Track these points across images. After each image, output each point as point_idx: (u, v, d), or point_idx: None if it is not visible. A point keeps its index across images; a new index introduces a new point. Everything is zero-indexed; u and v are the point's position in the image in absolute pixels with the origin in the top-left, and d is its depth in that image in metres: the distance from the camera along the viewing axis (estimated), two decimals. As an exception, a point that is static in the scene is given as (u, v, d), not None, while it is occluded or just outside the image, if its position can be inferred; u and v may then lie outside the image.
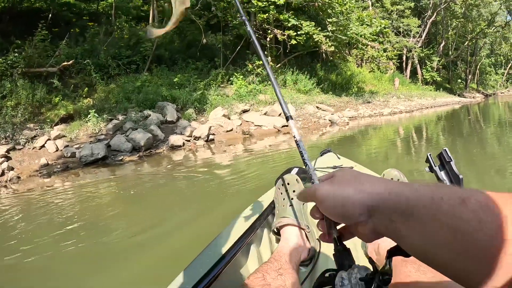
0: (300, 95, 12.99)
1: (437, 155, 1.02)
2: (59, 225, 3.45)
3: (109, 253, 2.78)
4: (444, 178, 0.97)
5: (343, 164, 2.14)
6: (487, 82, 44.03)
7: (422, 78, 27.08)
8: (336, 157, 2.37)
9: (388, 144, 7.65)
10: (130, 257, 2.67)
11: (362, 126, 10.93)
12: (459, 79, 35.85)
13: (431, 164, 1.02)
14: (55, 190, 5.10)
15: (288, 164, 4.56)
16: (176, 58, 12.55)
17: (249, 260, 1.14)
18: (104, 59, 10.77)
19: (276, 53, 14.11)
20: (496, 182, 4.11)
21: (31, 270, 2.60)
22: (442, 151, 0.99)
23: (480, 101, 26.36)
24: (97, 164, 6.65)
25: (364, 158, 5.79)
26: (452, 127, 10.70)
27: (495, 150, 6.35)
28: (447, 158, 0.97)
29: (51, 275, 2.56)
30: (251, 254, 1.16)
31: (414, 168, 4.81)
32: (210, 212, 3.49)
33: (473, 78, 38.01)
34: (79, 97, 9.39)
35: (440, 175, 0.98)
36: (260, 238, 1.27)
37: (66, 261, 2.69)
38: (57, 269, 2.64)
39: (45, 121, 7.99)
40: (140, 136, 7.43)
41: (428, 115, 14.98)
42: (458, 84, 34.42)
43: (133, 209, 3.99)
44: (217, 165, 5.91)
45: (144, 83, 10.36)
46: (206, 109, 10.03)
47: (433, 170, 1.00)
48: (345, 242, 0.60)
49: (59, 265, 2.67)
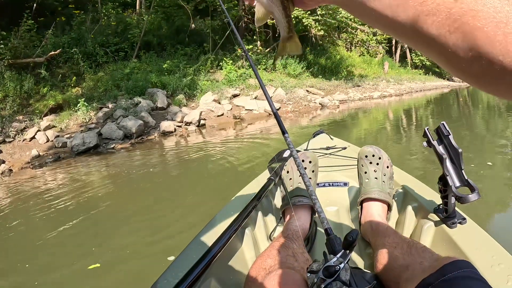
0: (290, 79, 12.99)
1: (434, 129, 1.03)
2: (54, 215, 3.48)
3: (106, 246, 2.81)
4: (443, 152, 0.99)
5: (337, 145, 2.15)
6: (476, 65, 44.33)
7: (411, 62, 27.15)
8: (329, 138, 2.39)
9: (378, 126, 7.74)
10: (122, 242, 2.71)
11: (352, 109, 11.00)
12: (449, 62, 36.03)
13: (429, 138, 1.02)
14: (47, 180, 5.10)
15: (281, 147, 4.62)
16: (165, 44, 12.43)
17: (244, 243, 1.13)
18: (92, 47, 10.63)
19: (265, 37, 14.05)
20: (484, 159, 4.22)
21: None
22: (440, 125, 1.01)
23: (469, 85, 26.51)
24: (89, 153, 6.64)
25: (355, 139, 5.86)
26: (440, 110, 10.84)
27: (482, 130, 6.48)
28: (445, 132, 0.99)
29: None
30: (246, 237, 1.15)
31: (406, 148, 4.90)
32: (203, 196, 3.53)
33: (462, 61, 38.24)
34: (68, 87, 9.29)
35: (438, 149, 0.99)
36: (254, 221, 1.26)
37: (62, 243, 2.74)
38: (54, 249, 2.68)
39: (34, 112, 7.92)
40: (131, 123, 7.42)
41: (418, 98, 15.11)
42: (447, 67, 34.59)
43: (127, 195, 4.02)
44: (209, 149, 5.94)
45: (133, 70, 10.27)
46: (196, 95, 10.01)
47: (431, 145, 1.01)
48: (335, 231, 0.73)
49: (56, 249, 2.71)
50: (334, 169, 1.76)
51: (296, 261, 0.86)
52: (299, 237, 1.05)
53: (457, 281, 0.68)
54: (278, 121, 1.16)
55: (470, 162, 3.79)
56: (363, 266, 1.08)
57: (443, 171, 0.98)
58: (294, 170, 1.27)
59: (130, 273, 2.23)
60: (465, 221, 1.02)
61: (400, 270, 0.82)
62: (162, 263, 2.01)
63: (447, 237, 1.00)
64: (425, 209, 1.16)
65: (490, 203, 2.76)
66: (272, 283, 0.74)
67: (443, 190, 1.00)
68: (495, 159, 4.08)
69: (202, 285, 0.83)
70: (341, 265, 0.66)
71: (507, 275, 0.79)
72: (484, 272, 0.79)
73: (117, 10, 12.91)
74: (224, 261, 0.98)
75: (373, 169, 1.21)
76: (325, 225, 0.82)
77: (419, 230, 1.09)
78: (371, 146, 1.26)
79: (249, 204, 1.17)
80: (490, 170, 3.66)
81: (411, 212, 1.21)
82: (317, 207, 0.88)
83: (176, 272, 0.86)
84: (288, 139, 1.07)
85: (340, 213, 1.40)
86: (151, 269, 2.07)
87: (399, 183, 1.40)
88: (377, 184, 1.18)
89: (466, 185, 0.97)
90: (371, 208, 1.17)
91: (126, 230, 2.86)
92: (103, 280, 2.18)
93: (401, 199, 1.34)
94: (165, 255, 2.21)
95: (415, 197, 1.25)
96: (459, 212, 1.05)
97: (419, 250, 0.85)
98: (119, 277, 2.21)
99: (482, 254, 0.88)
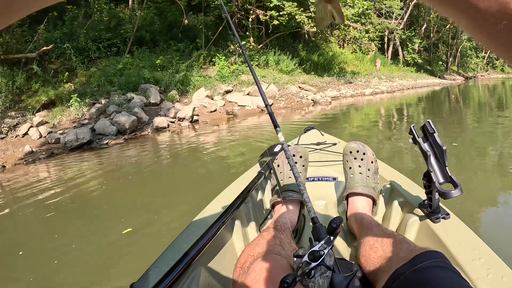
0: (282, 75, 13.07)
1: (420, 127, 1.05)
2: (46, 209, 3.53)
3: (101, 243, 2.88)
4: (428, 149, 1.01)
5: (327, 141, 2.19)
6: (467, 65, 44.28)
7: (403, 59, 27.28)
8: (319, 133, 2.43)
9: (370, 122, 7.85)
10: (113, 234, 2.78)
11: (344, 106, 11.10)
12: (440, 61, 36.11)
13: (415, 135, 1.05)
14: (41, 176, 5.12)
15: (273, 142, 4.67)
16: (158, 40, 12.41)
17: (234, 234, 1.14)
18: (84, 42, 10.57)
19: (258, 33, 14.08)
20: (474, 157, 4.34)
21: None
22: (425, 123, 1.03)
23: (460, 83, 26.78)
24: (82, 148, 6.65)
25: (347, 136, 5.95)
26: (432, 106, 10.99)
27: (473, 128, 6.62)
28: (431, 130, 1.01)
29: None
30: (235, 228, 1.16)
31: (395, 145, 5.00)
32: (196, 189, 3.59)
33: (454, 61, 38.32)
34: (60, 82, 9.25)
35: (423, 146, 1.02)
36: (244, 213, 1.27)
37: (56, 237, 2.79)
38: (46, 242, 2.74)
39: (27, 108, 7.89)
40: (125, 119, 7.44)
41: (409, 95, 15.24)
42: (439, 66, 34.71)
43: (120, 191, 4.06)
44: (202, 145, 5.99)
45: (125, 66, 10.26)
46: (189, 91, 10.05)
47: (416, 142, 1.03)
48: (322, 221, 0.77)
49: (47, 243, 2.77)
50: (323, 164, 1.81)
51: (283, 249, 0.88)
52: (287, 229, 1.07)
53: (427, 271, 0.70)
54: (271, 115, 1.20)
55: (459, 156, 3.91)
56: (349, 258, 1.12)
57: (428, 168, 1.01)
58: (284, 164, 1.29)
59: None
60: (448, 216, 1.06)
61: (378, 261, 0.85)
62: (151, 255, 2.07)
63: (430, 232, 1.03)
64: (410, 204, 1.19)
65: (476, 200, 2.87)
66: (259, 267, 0.76)
67: (427, 186, 1.04)
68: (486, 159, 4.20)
69: (192, 274, 0.86)
70: (326, 250, 0.69)
71: (487, 269, 0.82)
72: (465, 265, 0.84)
73: (109, 5, 12.84)
74: (213, 251, 1.00)
75: (358, 164, 1.24)
76: (311, 214, 0.86)
77: (404, 224, 1.13)
78: (356, 142, 1.29)
79: (239, 196, 1.19)
80: (476, 166, 3.78)
81: (397, 207, 1.25)
82: (305, 197, 0.92)
83: (168, 261, 0.88)
84: (280, 133, 1.12)
85: (328, 206, 1.45)
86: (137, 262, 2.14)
87: (387, 179, 1.44)
88: (361, 179, 1.21)
89: (450, 181, 0.99)
90: (356, 202, 1.20)
91: (120, 222, 2.93)
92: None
93: (388, 194, 1.38)
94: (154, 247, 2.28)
95: (401, 192, 1.29)
96: (443, 207, 1.09)
97: (398, 241, 0.87)
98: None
99: (464, 248, 0.91)
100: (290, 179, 1.24)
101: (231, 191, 1.39)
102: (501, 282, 0.78)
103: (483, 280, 0.79)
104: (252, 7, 13.08)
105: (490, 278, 0.80)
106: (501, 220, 2.55)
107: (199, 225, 1.09)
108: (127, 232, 2.63)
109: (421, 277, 0.69)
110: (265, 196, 1.49)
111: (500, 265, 0.83)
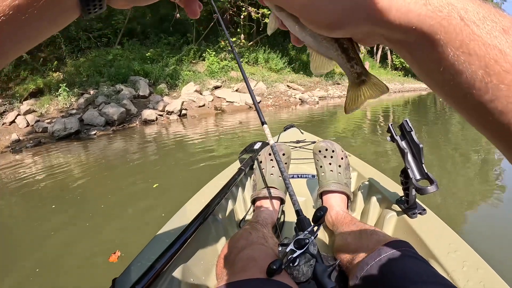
0: (271, 73, 13.22)
1: (398, 125, 1.09)
2: (32, 199, 3.61)
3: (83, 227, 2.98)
4: (405, 147, 1.05)
5: (306, 139, 2.22)
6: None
7: (391, 63, 27.66)
8: (299, 132, 2.50)
9: (354, 123, 8.03)
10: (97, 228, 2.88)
11: (331, 106, 11.27)
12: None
13: (392, 134, 1.08)
14: (26, 165, 5.13)
15: (259, 138, 4.79)
16: (149, 32, 12.43)
17: (214, 230, 1.15)
18: (75, 31, 10.55)
19: (249, 31, 14.18)
20: (455, 160, 4.55)
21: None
22: (403, 121, 1.07)
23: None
24: (70, 138, 6.69)
25: (332, 135, 6.09)
26: (417, 109, 11.24)
27: (456, 130, 6.84)
28: (408, 128, 1.05)
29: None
30: (216, 224, 1.17)
31: (378, 147, 5.18)
32: (179, 184, 3.67)
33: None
34: (49, 71, 9.24)
35: (401, 144, 1.05)
36: (224, 209, 1.29)
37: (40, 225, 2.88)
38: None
39: (14, 96, 7.88)
40: (113, 110, 7.49)
41: (396, 99, 15.52)
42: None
43: (105, 181, 4.11)
44: (188, 139, 6.07)
45: (115, 57, 10.27)
46: (178, 85, 10.12)
47: (394, 140, 1.07)
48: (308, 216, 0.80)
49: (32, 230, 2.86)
50: (303, 161, 1.84)
51: (266, 242, 0.88)
52: (269, 224, 1.09)
53: (393, 260, 0.71)
54: (258, 112, 1.25)
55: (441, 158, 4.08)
56: (327, 253, 1.14)
57: (405, 165, 1.03)
58: (267, 160, 1.32)
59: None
60: (425, 212, 1.09)
61: (351, 255, 0.87)
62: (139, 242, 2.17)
63: (407, 226, 1.06)
64: (388, 200, 1.22)
65: (451, 196, 3.02)
66: (246, 257, 0.77)
67: (404, 182, 1.06)
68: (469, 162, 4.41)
69: (174, 269, 0.88)
70: (310, 239, 0.72)
71: (463, 261, 0.85)
72: (441, 258, 0.87)
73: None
74: (194, 247, 1.00)
75: (328, 162, 1.27)
76: (296, 207, 0.89)
77: (382, 220, 1.16)
78: (324, 140, 1.33)
79: (220, 192, 1.20)
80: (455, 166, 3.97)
81: (375, 203, 1.28)
82: (290, 191, 0.95)
83: (149, 256, 0.89)
84: (267, 129, 1.17)
85: (307, 203, 1.48)
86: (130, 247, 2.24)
87: (365, 177, 1.48)
88: (333, 177, 1.24)
89: (426, 178, 1.02)
90: (330, 199, 1.23)
91: (102, 212, 3.02)
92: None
93: (366, 191, 1.40)
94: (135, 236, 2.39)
95: (379, 189, 1.32)
96: (420, 204, 1.12)
97: (368, 234, 0.89)
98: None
99: (440, 242, 0.94)
100: (271, 176, 1.28)
101: (212, 187, 1.39)
102: (476, 273, 0.81)
103: (459, 272, 0.82)
104: (244, 4, 13.16)
105: (465, 270, 0.82)
106: (476, 215, 2.66)
107: (180, 220, 1.10)
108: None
109: (384, 266, 0.71)
110: (245, 193, 1.51)
111: (475, 258, 0.86)
